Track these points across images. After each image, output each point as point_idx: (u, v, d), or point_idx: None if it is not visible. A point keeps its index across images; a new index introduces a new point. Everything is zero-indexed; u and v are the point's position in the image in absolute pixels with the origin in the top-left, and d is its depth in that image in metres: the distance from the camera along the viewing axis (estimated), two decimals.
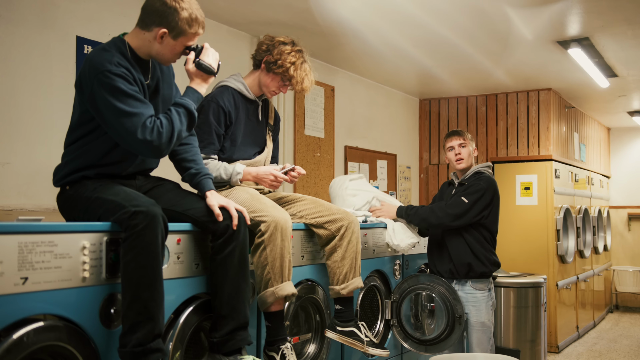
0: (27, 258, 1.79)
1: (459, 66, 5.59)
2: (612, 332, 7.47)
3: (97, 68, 2.12)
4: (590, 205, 7.72)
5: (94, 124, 2.22)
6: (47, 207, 3.26)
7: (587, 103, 7.32)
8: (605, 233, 8.30)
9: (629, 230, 9.18)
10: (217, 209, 2.32)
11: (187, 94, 2.31)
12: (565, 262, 6.50)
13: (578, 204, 7.13)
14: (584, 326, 7.26)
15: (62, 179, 2.29)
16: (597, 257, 7.97)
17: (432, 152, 7.10)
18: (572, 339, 6.76)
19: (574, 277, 6.86)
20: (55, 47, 3.30)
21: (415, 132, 7.12)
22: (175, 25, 2.22)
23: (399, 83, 6.38)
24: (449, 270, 3.65)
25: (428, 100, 7.13)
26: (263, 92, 3.00)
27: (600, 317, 8.09)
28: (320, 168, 5.33)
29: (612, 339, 6.99)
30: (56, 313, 1.87)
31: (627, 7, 3.99)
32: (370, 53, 5.13)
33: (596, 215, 7.79)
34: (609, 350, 6.43)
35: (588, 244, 7.39)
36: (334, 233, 2.96)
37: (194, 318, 2.34)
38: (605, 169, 9.05)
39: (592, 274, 7.61)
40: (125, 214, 2.02)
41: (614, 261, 9.11)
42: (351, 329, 2.92)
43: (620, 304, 9.13)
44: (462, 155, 3.70)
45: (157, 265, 2.03)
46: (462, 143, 3.72)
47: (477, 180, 3.65)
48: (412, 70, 5.76)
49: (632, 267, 8.95)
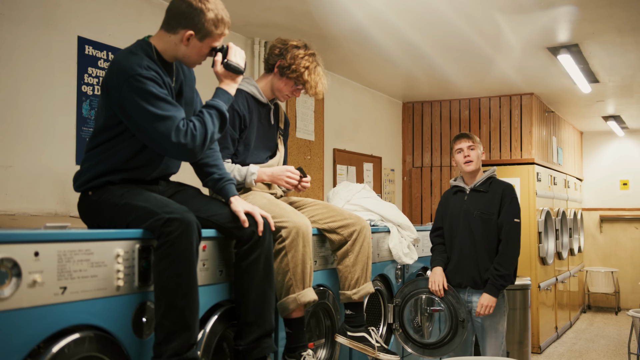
0: (65, 267, 1.74)
1: (444, 71, 5.64)
2: (589, 332, 7.64)
3: (127, 72, 2.07)
4: (567, 207, 7.89)
5: (120, 128, 2.17)
6: (49, 212, 3.17)
7: (565, 107, 7.48)
8: (579, 235, 8.49)
9: (601, 232, 9.42)
10: (243, 214, 2.29)
11: (218, 95, 2.27)
12: (546, 264, 6.62)
13: (556, 207, 7.27)
14: (562, 326, 7.41)
15: (85, 184, 2.22)
16: (573, 258, 8.15)
17: (415, 155, 7.15)
18: (552, 339, 6.89)
19: (554, 278, 7.00)
20: (57, 47, 3.22)
21: (399, 134, 7.17)
22: (201, 26, 2.19)
23: (384, 86, 6.41)
24: (472, 278, 3.59)
25: (411, 104, 7.19)
26: (276, 95, 2.98)
27: (575, 317, 8.27)
28: (310, 171, 5.31)
29: (590, 339, 7.15)
30: (93, 323, 1.82)
31: (620, 15, 4.09)
32: (360, 56, 5.14)
33: (572, 217, 7.97)
34: (588, 350, 6.57)
35: (565, 245, 7.55)
36: (347, 238, 2.95)
37: (219, 326, 2.31)
38: (579, 172, 9.26)
39: (568, 275, 7.78)
40: (159, 220, 1.97)
41: (586, 262, 9.33)
42: (362, 334, 2.92)
43: (593, 304, 9.36)
44: (471, 158, 3.66)
45: (193, 273, 2.00)
46: (470, 145, 3.68)
47: (503, 188, 3.65)
48: (397, 73, 5.80)
49: (604, 268, 9.18)
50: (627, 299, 9.17)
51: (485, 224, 3.60)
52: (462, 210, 3.67)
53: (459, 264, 3.65)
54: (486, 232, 3.59)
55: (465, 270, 3.62)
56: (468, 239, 3.62)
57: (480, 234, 3.60)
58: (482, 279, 3.57)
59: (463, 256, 3.64)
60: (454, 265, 3.67)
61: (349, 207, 3.66)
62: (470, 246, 3.62)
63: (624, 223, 9.29)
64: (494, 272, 3.51)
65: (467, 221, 3.64)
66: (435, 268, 3.67)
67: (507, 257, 3.52)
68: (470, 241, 3.62)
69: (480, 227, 3.60)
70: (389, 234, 3.70)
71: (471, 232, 3.62)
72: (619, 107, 7.45)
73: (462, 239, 3.65)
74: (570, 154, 8.62)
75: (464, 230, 3.64)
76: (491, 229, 3.59)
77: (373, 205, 3.72)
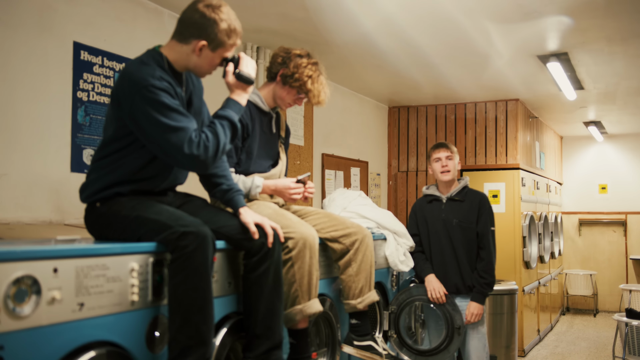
0: (83, 283, 1.71)
1: (432, 76, 5.68)
2: (569, 334, 7.76)
3: (139, 82, 2.04)
4: (549, 211, 8.00)
5: (131, 138, 2.14)
6: (43, 220, 3.11)
7: (549, 113, 7.58)
8: (559, 238, 8.61)
9: (580, 235, 9.56)
10: (253, 226, 2.27)
11: (229, 106, 2.25)
12: (529, 268, 6.71)
13: (539, 211, 7.37)
14: (544, 329, 7.51)
15: (93, 196, 2.18)
16: (554, 261, 8.26)
17: (401, 160, 7.19)
18: (535, 342, 6.98)
19: (537, 282, 7.09)
20: (53, 52, 3.16)
21: (385, 139, 7.19)
22: (214, 37, 2.17)
23: (371, 90, 6.43)
24: (455, 285, 3.70)
25: (397, 108, 7.22)
26: (278, 104, 2.96)
27: (555, 319, 8.39)
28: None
29: (571, 341, 7.26)
30: (109, 339, 1.79)
31: (610, 25, 4.16)
32: (350, 61, 5.15)
33: (553, 221, 8.08)
34: (570, 352, 6.67)
35: (547, 249, 7.66)
36: (349, 247, 2.95)
37: (229, 339, 2.29)
38: (559, 176, 9.39)
39: (550, 278, 7.89)
40: (174, 234, 1.95)
41: (565, 265, 9.47)
42: (368, 343, 2.92)
43: (571, 306, 9.50)
44: (448, 167, 3.76)
45: (208, 288, 1.97)
46: (449, 155, 3.78)
47: (480, 197, 3.79)
48: (384, 78, 5.82)
49: (582, 270, 9.33)
50: (604, 301, 9.32)
51: (465, 232, 3.73)
52: (441, 219, 3.77)
53: (440, 270, 3.74)
54: (466, 240, 3.73)
55: (449, 277, 3.72)
56: (449, 248, 3.74)
57: (460, 242, 3.72)
58: (465, 285, 3.70)
59: (445, 264, 3.74)
60: (436, 271, 3.76)
61: (346, 215, 3.65)
62: (452, 254, 3.73)
63: (602, 227, 9.45)
64: (480, 280, 3.66)
65: (447, 230, 3.75)
66: (429, 276, 3.71)
67: (489, 264, 3.68)
68: (450, 249, 3.73)
69: (460, 236, 3.73)
70: (385, 241, 3.71)
71: (451, 240, 3.74)
72: (600, 113, 7.57)
73: (443, 247, 3.76)
74: (551, 158, 8.74)
75: (445, 238, 3.75)
76: (470, 236, 3.73)
77: (369, 212, 3.71)
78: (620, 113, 7.52)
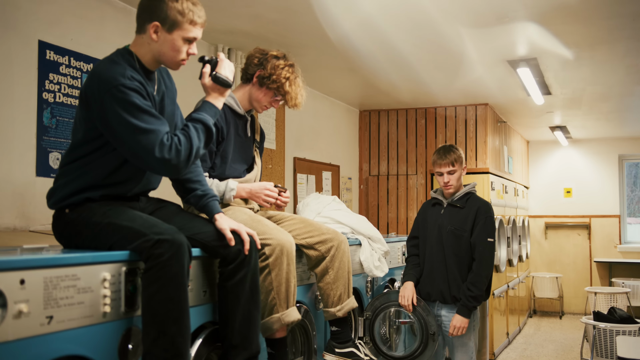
0: (52, 295, 1.62)
1: (404, 80, 5.66)
2: (537, 336, 7.83)
3: (109, 82, 1.95)
4: (517, 215, 8.07)
5: (101, 141, 2.05)
6: (7, 226, 2.98)
7: (517, 118, 7.65)
8: (526, 241, 8.70)
9: (546, 238, 9.69)
10: (229, 233, 2.20)
11: (204, 109, 2.17)
12: (499, 272, 6.74)
13: (507, 214, 7.43)
14: (512, 332, 7.56)
15: (61, 201, 2.08)
16: (521, 264, 8.34)
17: (372, 164, 7.16)
18: (504, 345, 7.02)
19: (505, 285, 7.14)
20: (17, 51, 3.04)
21: (356, 143, 7.17)
22: (165, 16, 2.06)
23: (342, 94, 6.39)
24: (440, 291, 3.59)
25: (368, 112, 7.20)
26: (253, 106, 2.89)
27: (523, 322, 8.46)
28: (271, 181, 5.23)
29: (539, 344, 7.32)
30: (80, 353, 1.70)
31: (580, 31, 4.19)
32: (321, 64, 5.10)
33: (521, 224, 8.16)
34: (539, 355, 6.73)
35: (515, 252, 7.72)
36: (324, 254, 2.89)
37: (205, 350, 2.21)
38: (525, 180, 9.50)
39: (517, 282, 7.95)
40: (147, 242, 1.86)
41: (532, 268, 9.57)
42: (350, 350, 2.87)
43: (538, 309, 9.61)
44: (450, 183, 3.62)
45: (184, 298, 1.90)
46: (450, 170, 3.60)
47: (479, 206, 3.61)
48: (355, 81, 5.79)
49: (549, 273, 9.45)
50: (570, 303, 9.46)
51: (457, 240, 3.58)
52: (437, 224, 3.66)
53: (429, 275, 3.65)
54: (457, 248, 3.58)
55: (435, 283, 3.62)
56: (439, 253, 3.62)
57: (450, 250, 3.59)
58: (451, 294, 3.56)
59: (434, 269, 3.64)
60: (426, 275, 3.68)
61: (320, 220, 3.60)
62: (441, 260, 3.62)
63: (568, 230, 9.58)
64: (467, 292, 3.49)
65: (440, 235, 3.63)
66: (406, 282, 3.65)
67: (480, 277, 3.51)
68: (441, 255, 3.62)
69: (451, 243, 3.59)
70: (359, 246, 3.67)
71: (442, 246, 3.61)
72: (565, 118, 7.68)
73: (434, 252, 3.64)
74: (518, 162, 8.84)
75: (437, 243, 3.63)
76: (462, 245, 3.57)
77: (344, 217, 3.67)
78: (585, 118, 7.63)
